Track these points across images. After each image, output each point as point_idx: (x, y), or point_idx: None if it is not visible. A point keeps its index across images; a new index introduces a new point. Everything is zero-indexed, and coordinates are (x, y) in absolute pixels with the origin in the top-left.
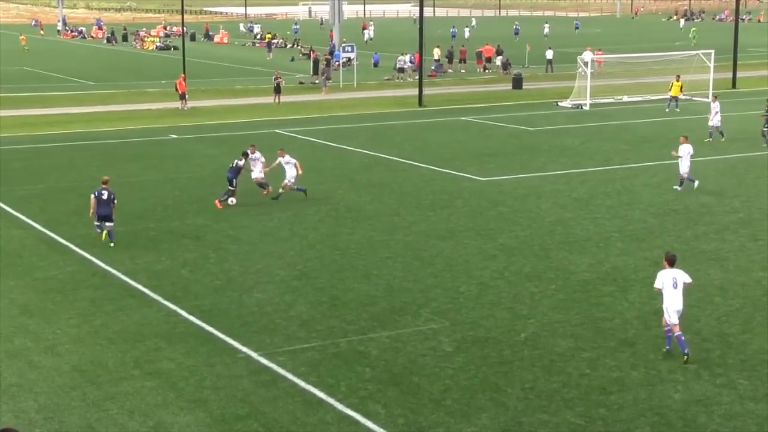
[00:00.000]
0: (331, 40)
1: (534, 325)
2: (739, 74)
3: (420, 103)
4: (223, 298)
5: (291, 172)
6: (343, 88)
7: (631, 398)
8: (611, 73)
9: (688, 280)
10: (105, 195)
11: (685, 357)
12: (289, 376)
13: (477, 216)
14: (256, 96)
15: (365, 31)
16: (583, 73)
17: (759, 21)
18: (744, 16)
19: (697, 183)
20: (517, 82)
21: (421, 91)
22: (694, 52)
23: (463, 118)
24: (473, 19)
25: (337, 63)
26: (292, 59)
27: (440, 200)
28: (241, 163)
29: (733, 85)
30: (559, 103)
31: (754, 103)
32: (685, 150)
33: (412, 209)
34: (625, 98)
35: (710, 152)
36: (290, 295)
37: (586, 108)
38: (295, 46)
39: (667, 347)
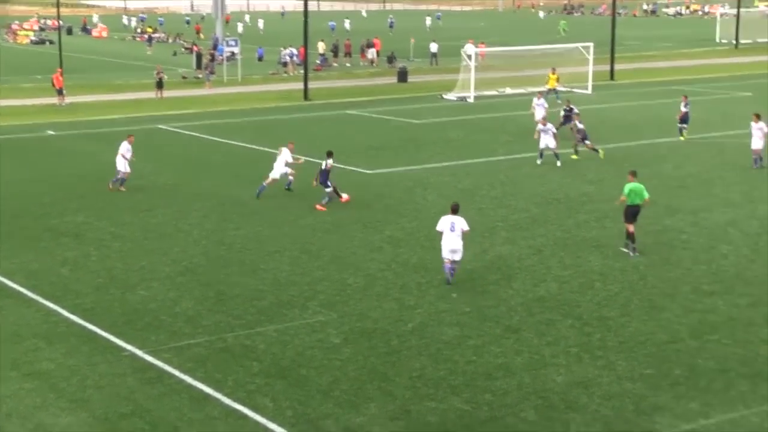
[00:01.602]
0: (213, 34)
1: (421, 314)
2: (616, 66)
3: (305, 98)
4: (105, 296)
5: (122, 162)
6: (228, 83)
7: (515, 383)
8: (494, 66)
9: (466, 227)
10: None
11: (448, 284)
12: (175, 372)
13: (364, 208)
14: (138, 91)
15: (238, 24)
16: (467, 66)
17: (634, 15)
18: (621, 11)
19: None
20: (402, 76)
21: (306, 85)
22: (574, 45)
23: (348, 112)
24: (363, 11)
25: (220, 57)
26: (175, 54)
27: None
28: (330, 162)
29: (611, 77)
30: (444, 96)
31: (631, 94)
32: (548, 127)
33: (299, 203)
34: (509, 90)
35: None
36: (175, 291)
37: (471, 100)
38: (177, 40)
39: (449, 280)
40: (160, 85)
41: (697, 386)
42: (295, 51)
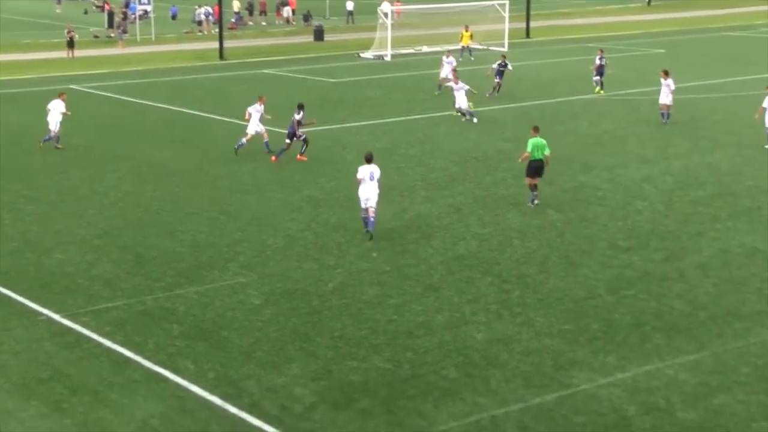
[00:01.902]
0: None
1: (341, 274)
2: (532, 24)
3: (221, 57)
4: (20, 260)
5: (55, 120)
6: (141, 42)
7: (436, 341)
8: (411, 24)
9: (378, 174)
10: None
11: (369, 235)
12: (94, 336)
13: (282, 169)
14: (48, 50)
15: None
16: (383, 24)
17: None
18: None
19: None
20: (319, 34)
21: (221, 45)
22: (490, 3)
23: (265, 71)
24: None
25: (133, 16)
26: (86, 12)
27: (244, 154)
28: (299, 116)
29: (527, 35)
30: (361, 55)
31: (546, 52)
32: (460, 86)
33: (216, 164)
34: (425, 49)
35: (507, 101)
36: (92, 254)
37: (388, 59)
38: None
39: (366, 229)
40: (71, 44)
41: (614, 340)
42: (209, 9)
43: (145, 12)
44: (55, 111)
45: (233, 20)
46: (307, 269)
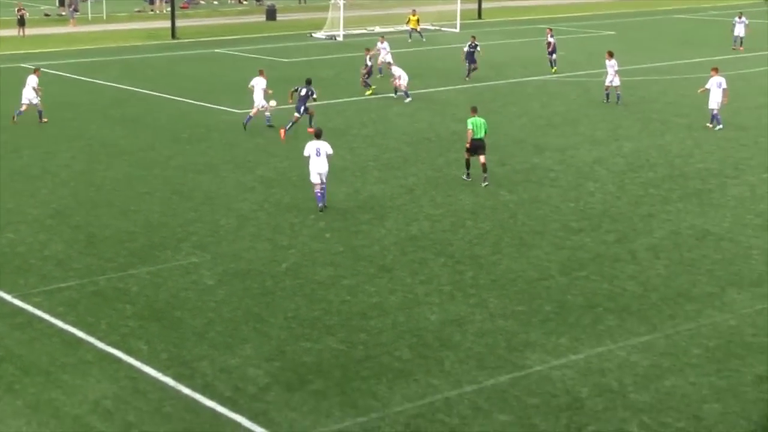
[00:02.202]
0: None
1: (294, 255)
2: (484, 5)
3: (173, 36)
4: None
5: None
6: (93, 20)
7: (390, 322)
8: (363, 4)
9: (330, 151)
10: None
11: (320, 208)
12: (46, 316)
13: (235, 148)
14: None
15: None
16: (335, 4)
17: None
18: None
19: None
20: (271, 14)
21: (173, 24)
22: None
23: (217, 51)
24: None
25: None
26: None
27: (197, 134)
28: (304, 91)
29: (479, 16)
30: (313, 35)
31: (498, 33)
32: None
33: (169, 143)
34: (378, 29)
35: (460, 82)
36: (44, 234)
37: (340, 39)
38: None
39: (320, 205)
40: (22, 22)
41: (567, 322)
42: None
43: None
44: (28, 86)
45: None
46: (260, 249)
